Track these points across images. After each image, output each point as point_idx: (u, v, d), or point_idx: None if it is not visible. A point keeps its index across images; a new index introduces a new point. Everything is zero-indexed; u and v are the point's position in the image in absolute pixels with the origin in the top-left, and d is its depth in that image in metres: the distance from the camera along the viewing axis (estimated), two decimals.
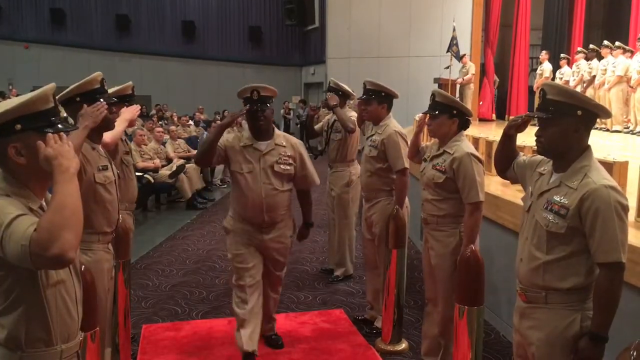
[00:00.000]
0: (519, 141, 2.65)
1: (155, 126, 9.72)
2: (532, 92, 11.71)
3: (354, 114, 5.00)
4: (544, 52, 11.44)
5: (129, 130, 7.33)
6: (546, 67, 10.97)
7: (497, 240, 4.04)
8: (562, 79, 10.46)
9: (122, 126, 3.20)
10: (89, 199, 2.71)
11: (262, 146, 3.42)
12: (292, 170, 3.47)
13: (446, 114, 3.18)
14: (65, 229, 1.43)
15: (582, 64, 10.19)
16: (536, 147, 2.22)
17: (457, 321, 2.75)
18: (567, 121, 2.09)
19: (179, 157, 9.27)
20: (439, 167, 3.19)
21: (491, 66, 12.51)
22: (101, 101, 2.72)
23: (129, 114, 3.32)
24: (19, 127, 1.58)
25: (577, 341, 2.05)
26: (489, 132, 6.85)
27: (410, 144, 3.66)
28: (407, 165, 3.86)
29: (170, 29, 19.32)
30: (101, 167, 2.82)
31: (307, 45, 19.19)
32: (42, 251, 1.41)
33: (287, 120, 17.86)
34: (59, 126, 1.63)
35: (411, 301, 4.62)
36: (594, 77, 9.72)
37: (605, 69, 9.42)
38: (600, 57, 9.75)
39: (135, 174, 3.92)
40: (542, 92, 2.16)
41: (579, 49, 10.64)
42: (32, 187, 1.64)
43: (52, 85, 1.67)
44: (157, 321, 4.35)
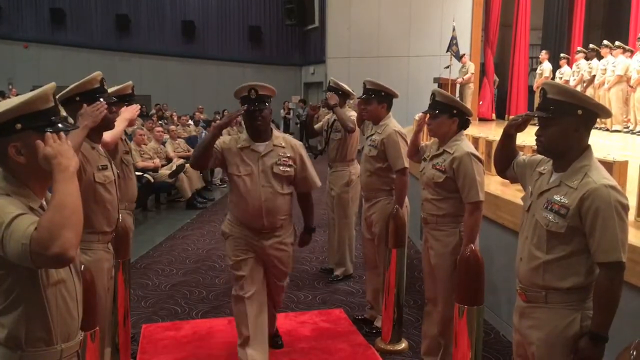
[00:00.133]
0: (519, 141, 2.65)
1: (155, 126, 9.73)
2: (531, 92, 11.72)
3: (354, 114, 5.00)
4: (544, 51, 11.45)
5: (129, 129, 7.33)
6: (546, 67, 10.98)
7: (497, 239, 4.04)
8: (562, 78, 10.46)
9: (121, 126, 3.20)
10: (89, 199, 2.71)
11: (261, 147, 3.26)
12: (292, 172, 3.30)
13: (446, 113, 3.18)
14: (65, 228, 1.43)
15: (582, 63, 10.19)
16: (536, 146, 2.22)
17: (457, 321, 2.74)
18: (568, 120, 2.08)
19: (178, 157, 9.27)
20: (438, 167, 3.18)
21: (491, 66, 12.51)
22: (101, 101, 2.72)
23: (129, 113, 3.32)
24: (19, 126, 1.58)
25: (577, 341, 2.05)
26: (488, 131, 6.85)
27: (410, 143, 3.66)
28: (407, 164, 3.86)
29: (170, 28, 19.31)
30: (101, 167, 2.82)
31: (307, 45, 19.19)
32: (42, 250, 1.42)
33: (287, 120, 17.86)
34: (58, 126, 1.63)
35: (411, 301, 4.62)
36: (594, 76, 9.72)
37: (605, 69, 9.42)
38: (600, 57, 9.75)
39: (135, 174, 3.91)
40: (543, 91, 2.16)
41: (579, 48, 10.64)
42: (32, 187, 1.64)
43: (52, 84, 1.68)
44: (157, 321, 4.35)
